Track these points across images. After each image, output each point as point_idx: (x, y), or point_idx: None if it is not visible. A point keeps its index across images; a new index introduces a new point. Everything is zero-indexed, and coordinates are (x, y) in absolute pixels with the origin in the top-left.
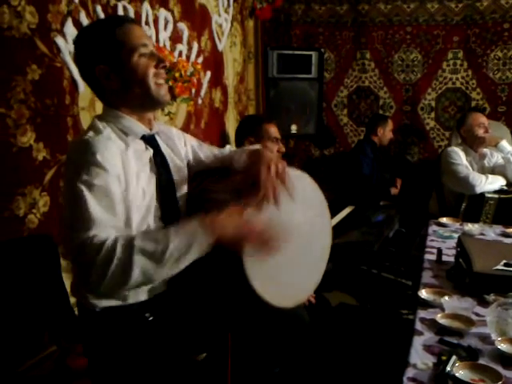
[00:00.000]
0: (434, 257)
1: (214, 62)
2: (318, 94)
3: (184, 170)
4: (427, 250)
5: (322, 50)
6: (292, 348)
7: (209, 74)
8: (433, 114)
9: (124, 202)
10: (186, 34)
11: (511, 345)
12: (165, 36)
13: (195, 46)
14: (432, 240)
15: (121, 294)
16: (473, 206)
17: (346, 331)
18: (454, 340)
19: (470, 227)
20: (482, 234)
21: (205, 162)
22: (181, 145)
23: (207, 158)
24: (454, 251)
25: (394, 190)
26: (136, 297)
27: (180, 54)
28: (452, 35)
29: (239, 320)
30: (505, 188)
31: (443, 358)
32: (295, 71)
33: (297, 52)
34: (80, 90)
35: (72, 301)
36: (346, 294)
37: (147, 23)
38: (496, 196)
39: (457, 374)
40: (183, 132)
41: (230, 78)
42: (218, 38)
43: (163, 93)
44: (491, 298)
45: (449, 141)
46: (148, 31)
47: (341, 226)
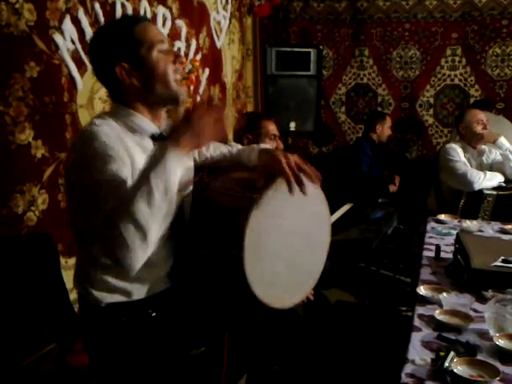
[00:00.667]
0: (432, 253)
1: (213, 59)
2: (317, 91)
3: (191, 169)
4: (426, 246)
5: (321, 46)
6: (289, 345)
7: (207, 71)
8: (431, 111)
9: None
10: (184, 31)
11: (509, 340)
12: (163, 33)
13: (193, 43)
14: (430, 237)
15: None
16: (471, 203)
17: (344, 328)
18: (452, 336)
19: (469, 224)
20: (480, 231)
21: (211, 159)
22: None
23: (213, 155)
24: (452, 248)
25: (393, 187)
26: (140, 293)
27: (178, 51)
28: (450, 32)
29: (236, 317)
30: (503, 185)
31: (441, 354)
32: (294, 68)
33: (295, 49)
34: (78, 87)
35: (72, 298)
36: (344, 292)
37: None
38: (494, 193)
39: (455, 370)
40: None
41: (229, 75)
42: (217, 35)
43: (182, 90)
44: (489, 294)
45: (449, 138)
46: None
47: (339, 223)
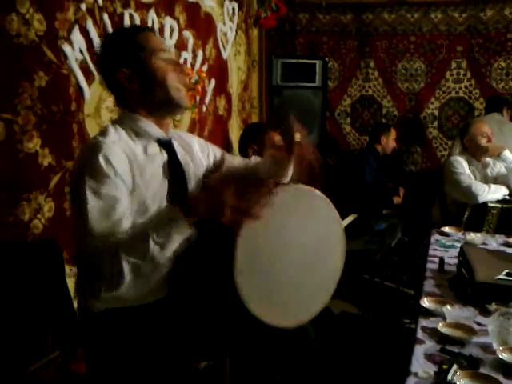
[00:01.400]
0: (436, 266)
1: (219, 69)
2: (322, 102)
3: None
4: (429, 259)
5: (326, 58)
6: (295, 359)
7: (213, 81)
8: (436, 123)
9: (132, 202)
10: (191, 42)
11: None
12: (170, 44)
13: (200, 54)
14: (434, 249)
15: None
16: (475, 216)
17: (347, 340)
18: (455, 349)
19: (473, 236)
20: (485, 244)
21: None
22: (204, 156)
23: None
24: (456, 260)
25: (397, 199)
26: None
27: (185, 61)
28: (455, 45)
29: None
30: (507, 198)
31: (444, 366)
32: (299, 80)
33: (301, 60)
34: (86, 97)
35: (76, 305)
36: (348, 303)
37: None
38: (499, 205)
39: (458, 383)
40: (209, 143)
41: (234, 85)
42: (223, 46)
43: (182, 96)
44: (493, 307)
45: (450, 149)
46: None
47: None
